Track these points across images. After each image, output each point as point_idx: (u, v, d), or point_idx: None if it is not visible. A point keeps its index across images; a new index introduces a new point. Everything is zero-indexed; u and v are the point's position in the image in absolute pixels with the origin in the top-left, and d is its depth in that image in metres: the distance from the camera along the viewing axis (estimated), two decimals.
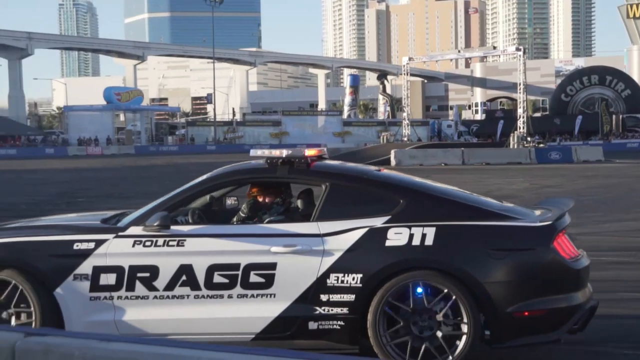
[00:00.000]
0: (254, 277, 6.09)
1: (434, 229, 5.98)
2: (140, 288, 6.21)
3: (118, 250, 6.26)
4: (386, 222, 6.07)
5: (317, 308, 6.02)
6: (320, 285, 6.01)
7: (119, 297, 6.23)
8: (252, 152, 6.80)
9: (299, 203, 6.82)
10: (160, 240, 6.23)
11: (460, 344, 5.88)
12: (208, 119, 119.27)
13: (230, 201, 7.63)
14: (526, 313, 5.89)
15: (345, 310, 5.98)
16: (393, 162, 45.94)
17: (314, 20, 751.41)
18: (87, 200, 23.27)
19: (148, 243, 6.24)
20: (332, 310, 5.99)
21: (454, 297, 5.85)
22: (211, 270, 6.13)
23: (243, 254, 6.12)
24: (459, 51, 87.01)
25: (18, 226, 7.23)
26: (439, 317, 5.90)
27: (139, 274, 6.21)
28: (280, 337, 6.05)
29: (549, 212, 6.40)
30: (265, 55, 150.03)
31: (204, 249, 6.19)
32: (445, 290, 5.87)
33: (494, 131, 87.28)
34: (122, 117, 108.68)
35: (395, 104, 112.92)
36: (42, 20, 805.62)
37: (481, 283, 5.84)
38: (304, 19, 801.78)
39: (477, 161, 46.01)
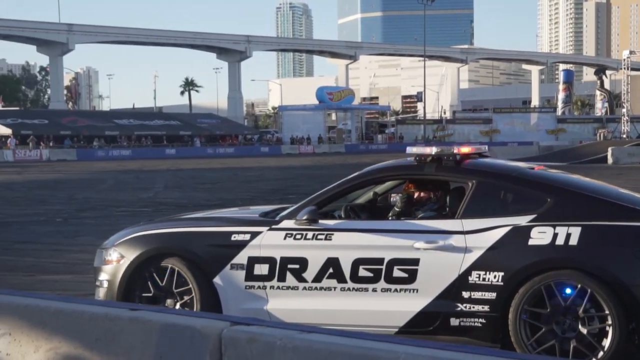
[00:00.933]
0: (397, 272, 6.20)
1: (579, 228, 5.86)
2: (290, 279, 6.46)
3: (271, 242, 6.54)
4: (531, 221, 6.02)
5: (459, 305, 6.04)
6: (462, 282, 6.04)
7: (271, 287, 6.51)
8: (408, 150, 6.91)
9: (448, 200, 6.74)
10: (310, 234, 6.45)
11: (604, 349, 5.70)
12: (418, 117, 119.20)
13: (394, 197, 7.60)
14: None
15: (486, 307, 5.97)
16: (610, 160, 43.92)
17: (529, 16, 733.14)
18: (297, 197, 23.81)
19: (298, 236, 6.48)
20: (473, 307, 6.00)
21: (597, 297, 5.71)
22: (357, 263, 6.29)
23: (387, 249, 6.24)
24: None
25: (186, 217, 7.76)
26: (582, 315, 5.76)
27: (289, 265, 6.46)
28: (423, 332, 6.09)
29: None
30: (476, 52, 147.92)
31: (350, 243, 6.34)
32: (589, 291, 5.73)
33: None
34: (333, 116, 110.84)
35: (614, 99, 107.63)
36: (259, 23, 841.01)
37: (627, 285, 5.66)
38: (518, 15, 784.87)
39: None
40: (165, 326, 3.85)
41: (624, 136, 66.17)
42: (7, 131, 77.40)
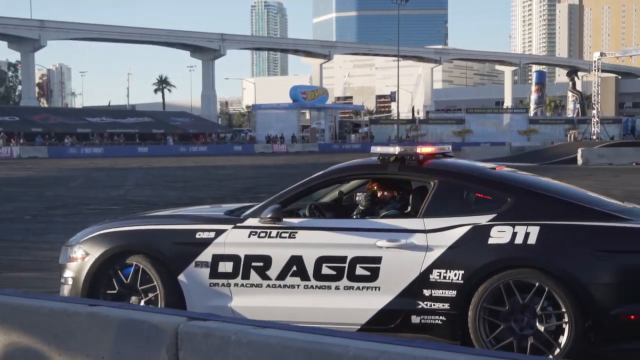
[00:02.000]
0: (359, 270, 6.27)
1: (538, 228, 5.94)
2: (254, 276, 6.53)
3: (235, 240, 6.61)
4: (491, 220, 6.10)
5: (420, 302, 6.12)
6: (423, 280, 6.12)
7: (236, 285, 6.58)
8: (373, 149, 6.96)
9: (411, 199, 6.80)
10: (274, 232, 6.52)
11: (559, 346, 5.81)
12: (391, 117, 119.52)
13: (359, 196, 7.67)
14: (632, 317, 5.75)
15: (446, 305, 6.04)
16: (580, 161, 44.31)
17: (502, 17, 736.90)
18: (269, 196, 23.69)
19: (262, 234, 6.55)
20: (434, 305, 6.08)
21: (554, 295, 5.80)
22: (320, 261, 6.36)
23: (350, 247, 6.31)
24: None
25: (151, 215, 7.80)
26: (540, 318, 5.86)
27: (253, 263, 6.52)
28: (384, 329, 6.16)
29: None
30: (450, 52, 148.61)
31: (314, 241, 6.42)
32: (548, 290, 5.81)
33: None
34: (307, 115, 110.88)
35: (585, 101, 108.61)
36: (234, 22, 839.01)
37: (584, 284, 5.77)
38: (491, 16, 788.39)
39: None
40: (123, 321, 3.90)
41: (594, 137, 66.79)
42: None
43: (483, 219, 6.12)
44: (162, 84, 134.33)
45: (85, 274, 6.91)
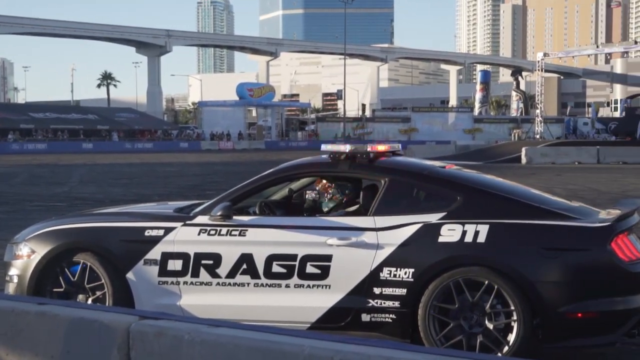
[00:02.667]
0: (310, 268, 6.25)
1: (487, 226, 5.99)
2: (204, 275, 6.47)
3: (185, 238, 6.54)
4: (442, 219, 6.12)
5: (370, 300, 6.11)
6: (373, 278, 6.11)
7: (185, 283, 6.52)
8: (323, 147, 6.97)
9: (362, 197, 6.82)
10: (224, 230, 6.47)
11: (508, 344, 5.85)
12: (338, 115, 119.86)
13: (309, 194, 7.65)
14: (579, 314, 5.82)
15: (397, 303, 6.05)
16: (524, 160, 44.94)
17: (447, 16, 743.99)
18: (216, 193, 23.66)
19: (212, 232, 6.50)
20: (384, 303, 6.08)
21: (505, 297, 5.84)
22: (270, 260, 6.33)
23: (300, 245, 6.29)
24: (597, 46, 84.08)
25: (99, 212, 7.72)
26: (490, 316, 5.90)
27: (203, 261, 6.47)
28: (335, 327, 6.15)
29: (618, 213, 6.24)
30: (396, 51, 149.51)
31: (264, 239, 6.38)
32: (497, 288, 5.85)
33: (633, 129, 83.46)
34: (254, 113, 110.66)
35: (529, 100, 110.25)
36: (180, 18, 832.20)
37: (532, 282, 5.81)
38: (437, 15, 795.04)
39: (613, 160, 44.26)
40: (73, 320, 3.85)
41: (538, 136, 67.81)
42: None
43: (433, 218, 6.13)
44: (107, 79, 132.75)
45: (31, 271, 6.80)
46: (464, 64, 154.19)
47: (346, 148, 6.70)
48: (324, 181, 7.06)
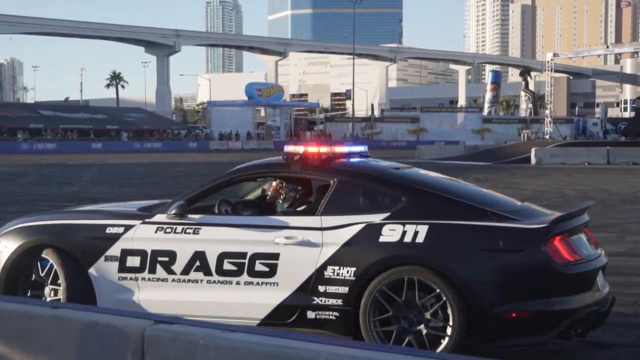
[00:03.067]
0: (259, 266, 6.43)
1: (426, 226, 6.09)
2: (160, 271, 6.71)
3: (143, 235, 6.79)
4: (385, 219, 6.25)
5: (315, 298, 6.26)
6: (318, 276, 6.26)
7: (143, 279, 6.77)
8: (286, 148, 7.13)
9: (312, 198, 7.07)
10: (179, 228, 6.71)
11: (444, 342, 5.93)
12: (346, 115, 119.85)
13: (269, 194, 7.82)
14: (513, 314, 5.88)
15: (340, 301, 6.19)
16: (533, 160, 44.80)
17: (456, 16, 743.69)
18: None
19: (168, 230, 6.74)
20: (328, 301, 6.23)
21: (442, 296, 5.92)
22: (221, 257, 6.53)
23: (250, 244, 6.49)
24: (607, 47, 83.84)
25: (70, 210, 8.09)
26: (427, 314, 6.00)
27: (159, 258, 6.71)
28: (283, 324, 6.30)
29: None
30: (405, 51, 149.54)
31: (216, 237, 6.60)
32: (434, 288, 5.94)
33: None
34: (262, 113, 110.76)
35: (538, 101, 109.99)
36: (189, 18, 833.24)
37: (468, 282, 5.89)
38: (446, 15, 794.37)
39: (623, 160, 44.12)
40: (86, 324, 3.84)
41: (547, 137, 67.60)
42: None
43: (377, 218, 6.26)
44: (116, 79, 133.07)
45: (1, 266, 7.11)
46: (473, 64, 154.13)
47: (301, 149, 6.89)
48: (274, 182, 7.35)
